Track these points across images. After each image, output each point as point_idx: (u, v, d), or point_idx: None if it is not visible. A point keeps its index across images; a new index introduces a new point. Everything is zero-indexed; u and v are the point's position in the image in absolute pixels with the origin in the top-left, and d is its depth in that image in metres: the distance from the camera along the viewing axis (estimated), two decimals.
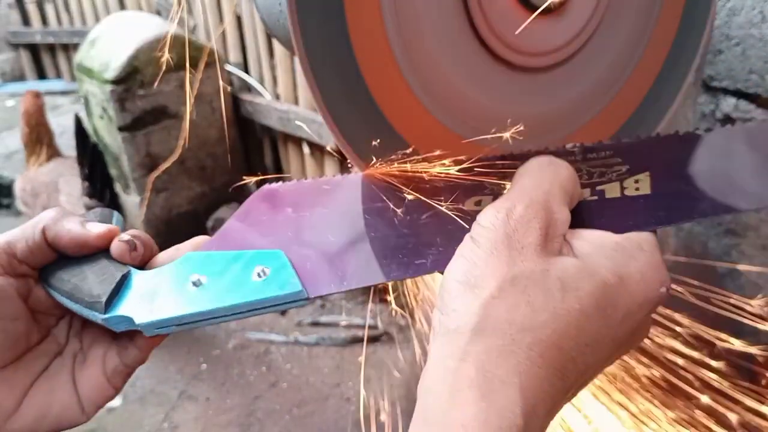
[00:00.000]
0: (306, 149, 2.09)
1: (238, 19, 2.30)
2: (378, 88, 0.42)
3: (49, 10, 3.75)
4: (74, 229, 0.36)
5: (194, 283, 0.34)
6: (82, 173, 1.68)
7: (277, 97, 2.22)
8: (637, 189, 0.37)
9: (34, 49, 3.93)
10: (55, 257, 0.37)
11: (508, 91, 0.47)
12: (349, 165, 0.43)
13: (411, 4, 0.41)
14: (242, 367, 1.76)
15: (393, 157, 0.41)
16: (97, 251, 0.37)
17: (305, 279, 0.34)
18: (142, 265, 0.38)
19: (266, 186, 0.41)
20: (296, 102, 2.11)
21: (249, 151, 2.40)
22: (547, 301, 0.30)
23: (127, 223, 1.80)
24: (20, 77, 4.01)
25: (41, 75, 4.00)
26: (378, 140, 0.43)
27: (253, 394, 1.66)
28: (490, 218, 0.32)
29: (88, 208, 1.71)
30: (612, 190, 0.37)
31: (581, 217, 0.35)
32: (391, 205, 0.38)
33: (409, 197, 0.38)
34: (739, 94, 0.88)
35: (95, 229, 0.37)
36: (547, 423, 0.30)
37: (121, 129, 2.03)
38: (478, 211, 0.35)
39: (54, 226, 0.36)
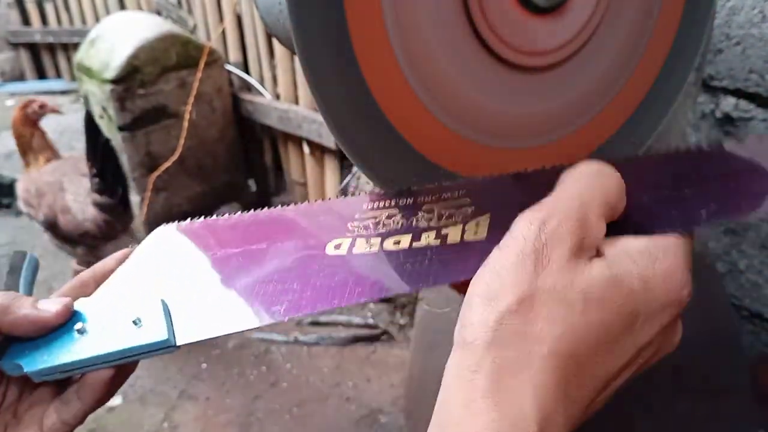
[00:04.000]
0: (306, 149, 2.09)
1: (238, 19, 2.30)
2: (378, 87, 0.42)
3: (49, 9, 3.75)
4: (31, 314, 0.36)
5: (79, 331, 0.36)
6: (93, 170, 1.68)
7: (277, 96, 2.22)
8: (475, 233, 0.36)
9: (33, 49, 3.93)
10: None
11: (507, 90, 0.47)
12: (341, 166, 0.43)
13: (411, 4, 0.41)
14: (242, 367, 1.76)
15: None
16: None
17: (180, 325, 0.36)
18: None
19: (161, 226, 0.42)
20: (296, 101, 2.11)
21: (249, 151, 2.40)
22: (567, 315, 0.30)
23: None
24: (20, 77, 4.01)
25: (41, 75, 4.01)
26: (378, 140, 0.43)
27: (253, 393, 1.66)
28: (522, 229, 0.31)
29: (98, 204, 1.71)
30: (454, 235, 0.36)
31: (621, 224, 0.34)
32: (260, 248, 0.38)
33: (277, 242, 0.38)
34: (739, 93, 0.88)
35: (52, 308, 0.36)
36: None
37: (120, 128, 2.03)
38: (338, 255, 0.36)
39: (6, 316, 0.35)
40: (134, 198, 2.04)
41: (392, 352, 1.75)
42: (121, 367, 0.37)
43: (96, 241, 1.73)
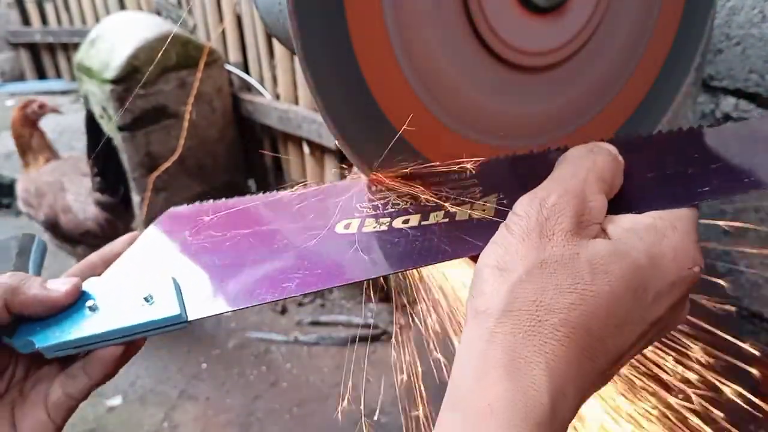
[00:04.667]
0: (306, 149, 2.09)
1: (238, 19, 2.30)
2: (378, 87, 0.42)
3: (49, 9, 3.75)
4: (40, 294, 0.36)
5: (90, 308, 0.37)
6: (94, 169, 1.68)
7: (277, 96, 2.21)
8: (483, 211, 0.37)
9: (33, 49, 3.93)
10: (9, 320, 0.37)
11: (507, 90, 0.47)
12: (340, 165, 0.43)
13: (411, 3, 0.41)
14: (242, 367, 1.76)
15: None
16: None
17: (190, 302, 0.37)
18: None
19: (170, 210, 0.43)
20: (296, 102, 2.11)
21: (249, 151, 2.40)
22: (575, 283, 0.30)
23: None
24: (20, 77, 4.01)
25: (41, 75, 4.01)
26: (378, 140, 0.43)
27: (253, 393, 1.66)
28: (524, 207, 0.33)
29: (100, 203, 1.71)
30: (462, 213, 0.37)
31: (632, 201, 0.35)
32: (270, 229, 0.39)
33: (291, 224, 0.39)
34: (739, 93, 0.88)
35: (62, 287, 0.37)
36: (578, 405, 0.30)
37: (120, 128, 2.03)
38: (348, 234, 0.37)
39: (16, 296, 0.36)
40: (134, 198, 2.04)
41: (392, 352, 1.75)
42: (130, 344, 0.38)
43: (97, 241, 1.73)
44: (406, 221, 0.38)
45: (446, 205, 0.38)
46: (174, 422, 1.59)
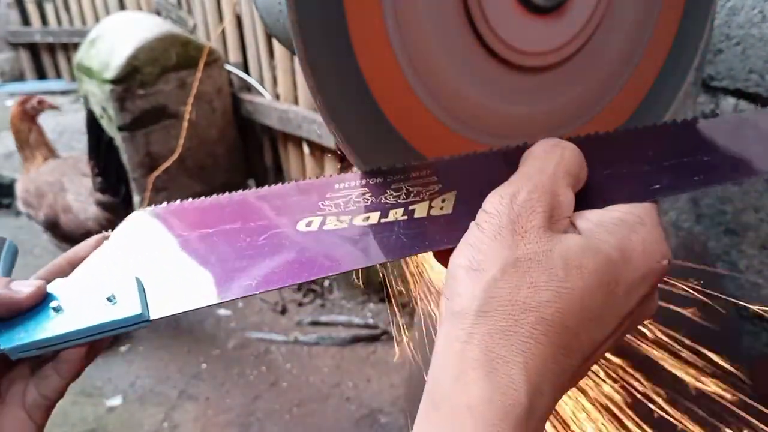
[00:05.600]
0: (306, 149, 2.09)
1: (238, 19, 2.30)
2: (378, 87, 0.42)
3: (49, 9, 3.75)
4: (4, 295, 0.36)
5: (54, 309, 0.37)
6: (95, 168, 1.68)
7: (277, 96, 2.22)
8: (441, 209, 0.38)
9: (33, 49, 3.93)
10: None
11: (507, 90, 0.47)
12: (340, 165, 0.43)
13: (411, 3, 0.41)
14: (242, 367, 1.76)
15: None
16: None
17: (155, 301, 0.37)
18: None
19: (137, 210, 0.44)
20: (296, 102, 2.11)
21: (249, 151, 2.40)
22: (549, 280, 0.30)
23: None
24: (20, 77, 4.01)
25: (41, 75, 4.00)
26: (378, 140, 0.43)
27: (253, 393, 1.66)
28: (494, 204, 0.33)
29: (100, 203, 1.71)
30: (421, 210, 0.38)
31: (590, 197, 0.35)
32: (234, 228, 0.40)
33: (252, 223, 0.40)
34: (739, 93, 0.88)
35: (25, 289, 0.37)
36: (554, 402, 0.30)
37: (120, 128, 2.03)
38: (309, 232, 0.38)
39: None
40: (134, 198, 2.04)
41: (392, 352, 1.75)
42: (94, 342, 0.38)
43: None
44: (366, 219, 0.38)
45: (406, 201, 0.39)
46: (174, 422, 1.59)
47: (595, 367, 0.67)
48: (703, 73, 0.88)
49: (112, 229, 0.43)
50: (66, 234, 1.79)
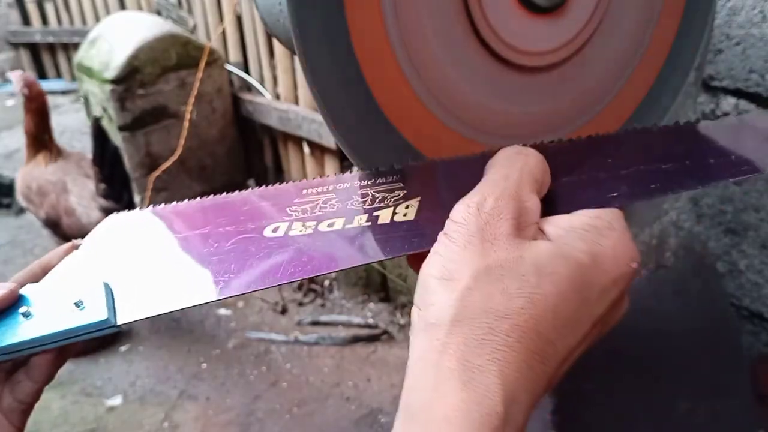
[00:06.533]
0: (306, 149, 2.09)
1: (238, 19, 2.30)
2: (379, 87, 0.42)
3: (49, 9, 3.75)
4: None
5: (24, 314, 0.37)
6: (99, 175, 1.69)
7: (277, 96, 2.22)
8: (405, 215, 0.38)
9: (34, 49, 3.93)
10: None
11: (507, 90, 0.47)
12: (341, 165, 0.43)
13: (411, 3, 0.41)
14: (242, 367, 1.76)
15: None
16: None
17: (122, 307, 0.37)
18: None
19: (112, 215, 0.44)
20: (296, 102, 2.11)
21: (249, 151, 2.40)
22: (522, 287, 0.30)
23: None
24: None
25: (41, 74, 4.00)
26: (378, 139, 0.43)
27: (253, 393, 1.66)
28: (462, 213, 0.33)
29: (103, 209, 1.72)
30: (385, 216, 0.38)
31: (551, 204, 0.36)
32: (204, 233, 0.40)
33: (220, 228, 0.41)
34: (739, 93, 0.88)
35: None
36: (531, 408, 0.30)
37: (121, 128, 2.03)
38: (275, 237, 0.38)
39: None
40: (135, 198, 2.04)
41: (392, 352, 1.75)
42: (63, 347, 0.38)
43: None
44: (331, 224, 0.38)
45: (371, 207, 0.39)
46: (174, 422, 1.59)
47: None
48: (703, 72, 0.88)
49: None
50: (66, 234, 1.79)
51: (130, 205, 1.74)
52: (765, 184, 0.92)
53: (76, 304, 0.37)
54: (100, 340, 1.80)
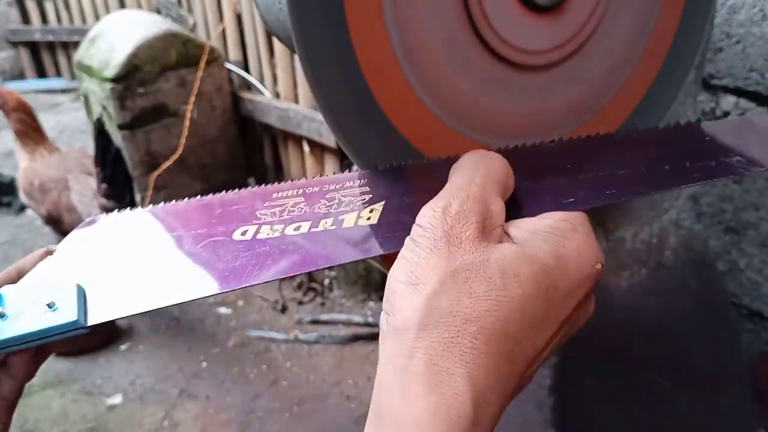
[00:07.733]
0: (306, 147, 2.09)
1: (238, 18, 2.30)
2: (379, 86, 0.42)
3: (49, 8, 3.75)
4: None
5: None
6: (102, 175, 1.69)
7: (277, 95, 2.21)
8: (368, 219, 0.39)
9: (33, 47, 3.93)
10: None
11: (507, 88, 0.47)
12: (341, 163, 0.43)
13: (411, 2, 0.41)
14: (242, 366, 1.76)
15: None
16: None
17: (94, 308, 0.38)
18: None
19: (91, 217, 0.45)
20: (296, 100, 2.11)
21: (249, 150, 2.40)
22: (489, 289, 0.31)
23: None
24: (20, 75, 4.01)
25: (41, 73, 4.00)
26: (378, 138, 0.43)
27: (253, 392, 1.66)
28: (427, 218, 0.33)
29: (104, 208, 1.72)
30: (349, 220, 0.39)
31: (515, 208, 0.36)
32: (178, 235, 0.41)
33: (194, 230, 0.41)
34: (739, 92, 0.88)
35: None
36: (501, 410, 0.31)
37: (121, 127, 2.03)
38: (243, 240, 0.39)
39: None
40: (135, 197, 2.04)
41: None
42: (40, 346, 0.39)
43: None
44: (297, 228, 0.39)
45: (337, 211, 0.40)
46: (174, 421, 1.59)
47: None
48: (703, 71, 0.88)
49: None
50: (67, 232, 1.79)
51: (131, 206, 1.74)
52: (765, 183, 0.92)
53: (49, 305, 0.37)
54: (101, 339, 1.80)
